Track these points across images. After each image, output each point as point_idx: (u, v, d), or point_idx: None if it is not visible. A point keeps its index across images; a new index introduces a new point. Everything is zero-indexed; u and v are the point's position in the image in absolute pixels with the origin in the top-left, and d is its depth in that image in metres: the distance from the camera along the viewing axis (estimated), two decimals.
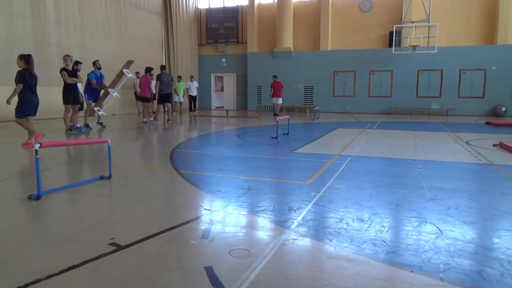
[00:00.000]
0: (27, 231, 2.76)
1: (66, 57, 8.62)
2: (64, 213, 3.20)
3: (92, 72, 9.82)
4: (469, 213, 3.17)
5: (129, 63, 10.75)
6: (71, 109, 8.79)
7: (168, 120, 12.57)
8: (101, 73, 9.97)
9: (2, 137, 8.24)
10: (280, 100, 15.54)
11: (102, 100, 10.00)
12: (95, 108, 9.74)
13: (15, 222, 2.93)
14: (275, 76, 15.78)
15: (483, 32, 17.15)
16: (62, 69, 8.51)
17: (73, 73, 8.63)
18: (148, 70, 11.77)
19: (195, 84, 17.28)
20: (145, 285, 1.95)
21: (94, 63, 9.96)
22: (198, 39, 21.97)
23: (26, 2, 12.13)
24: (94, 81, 9.75)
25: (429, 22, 16.67)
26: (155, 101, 12.96)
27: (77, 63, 9.11)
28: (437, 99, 17.87)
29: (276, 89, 15.31)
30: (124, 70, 10.15)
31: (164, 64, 12.73)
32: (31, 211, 3.21)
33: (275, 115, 14.94)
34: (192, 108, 17.12)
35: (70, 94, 8.67)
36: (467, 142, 7.81)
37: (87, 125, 9.51)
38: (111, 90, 9.92)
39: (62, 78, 8.56)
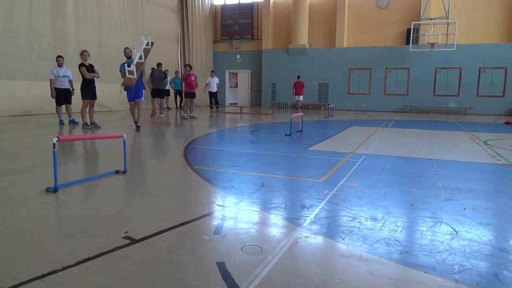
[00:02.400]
0: (44, 223, 2.82)
1: (84, 53, 8.73)
2: (80, 206, 3.26)
3: (123, 63, 8.33)
4: (486, 214, 3.11)
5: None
6: (88, 104, 8.93)
7: (162, 113, 13.54)
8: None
9: (21, 130, 8.44)
10: (301, 97, 17.15)
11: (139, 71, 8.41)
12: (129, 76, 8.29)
13: (32, 214, 3.00)
14: (298, 76, 17.25)
15: (505, 29, 16.71)
16: (81, 65, 8.63)
17: (91, 68, 8.76)
18: (189, 67, 12.68)
19: (215, 80, 17.01)
20: (158, 278, 1.97)
21: (124, 51, 8.55)
22: (213, 35, 22.04)
23: None
24: (123, 70, 8.23)
25: (448, 19, 16.33)
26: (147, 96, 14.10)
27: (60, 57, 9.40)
28: (455, 98, 17.53)
29: (298, 88, 17.04)
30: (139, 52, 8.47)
31: (160, 62, 13.62)
32: (48, 204, 3.28)
33: (297, 109, 16.80)
34: (213, 104, 16.95)
35: (88, 90, 8.80)
36: (485, 142, 7.64)
37: (94, 123, 8.90)
38: (137, 54, 8.49)
39: (80, 74, 8.70)
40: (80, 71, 8.64)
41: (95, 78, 8.90)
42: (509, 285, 1.96)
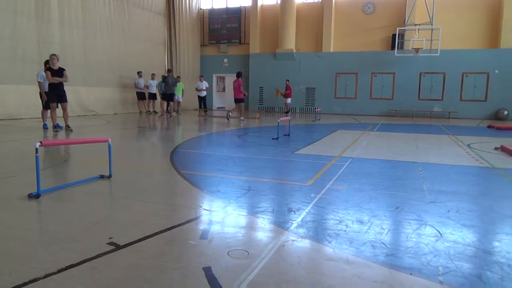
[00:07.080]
0: (26, 230, 2.76)
1: (52, 57, 8.63)
2: (63, 212, 3.20)
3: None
4: (469, 216, 3.16)
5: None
6: (55, 108, 8.88)
7: (171, 116, 14.38)
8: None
9: (5, 134, 8.26)
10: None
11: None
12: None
13: (14, 221, 2.93)
14: (287, 80, 18.03)
15: (487, 35, 17.12)
16: (47, 69, 8.60)
17: (60, 72, 8.62)
18: (240, 74, 13.46)
19: (204, 84, 17.19)
20: (143, 285, 1.94)
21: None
22: (201, 39, 21.99)
23: (30, 1, 12.17)
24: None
25: (432, 25, 16.65)
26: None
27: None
28: (439, 102, 17.84)
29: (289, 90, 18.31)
30: None
31: (170, 68, 14.57)
32: (31, 210, 3.21)
33: (286, 112, 17.69)
34: (202, 107, 17.04)
35: (53, 93, 8.75)
36: (468, 145, 7.79)
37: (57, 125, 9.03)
38: None
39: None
40: (45, 74, 8.70)
41: (64, 82, 8.77)
42: (492, 286, 2.00)
